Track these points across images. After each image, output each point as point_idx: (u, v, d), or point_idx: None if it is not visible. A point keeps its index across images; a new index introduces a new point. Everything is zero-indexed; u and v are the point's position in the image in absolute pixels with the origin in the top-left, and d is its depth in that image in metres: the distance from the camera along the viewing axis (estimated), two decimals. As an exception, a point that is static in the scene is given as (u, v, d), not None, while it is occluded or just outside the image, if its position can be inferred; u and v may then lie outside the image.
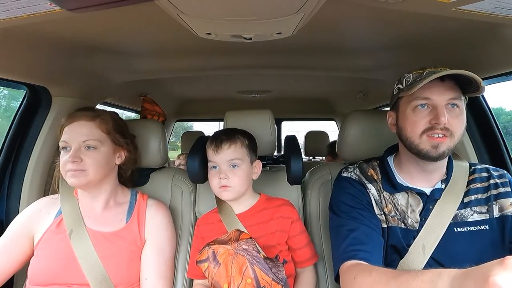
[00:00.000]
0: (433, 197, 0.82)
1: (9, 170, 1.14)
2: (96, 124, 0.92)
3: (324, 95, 2.53)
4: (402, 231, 0.81)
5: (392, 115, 0.88)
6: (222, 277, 0.79)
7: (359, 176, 0.90)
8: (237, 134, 0.94)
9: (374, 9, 0.72)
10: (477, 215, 0.80)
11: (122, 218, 0.96)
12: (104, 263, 0.87)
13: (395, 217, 0.83)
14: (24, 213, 0.96)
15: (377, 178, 0.88)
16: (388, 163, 0.89)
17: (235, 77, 1.79)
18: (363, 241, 0.76)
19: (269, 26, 0.72)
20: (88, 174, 0.88)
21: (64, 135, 0.90)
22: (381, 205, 0.84)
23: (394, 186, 0.85)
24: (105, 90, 1.48)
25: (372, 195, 0.86)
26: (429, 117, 0.75)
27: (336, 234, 0.83)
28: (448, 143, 0.75)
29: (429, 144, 0.75)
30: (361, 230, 0.78)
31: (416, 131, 0.77)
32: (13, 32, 0.79)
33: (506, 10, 0.64)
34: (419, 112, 0.77)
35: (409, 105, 0.79)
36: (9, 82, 1.04)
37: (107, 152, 0.93)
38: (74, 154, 0.87)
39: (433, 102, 0.76)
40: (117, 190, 1.00)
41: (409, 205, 0.83)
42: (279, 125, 3.06)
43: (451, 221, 0.79)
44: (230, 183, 0.90)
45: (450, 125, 0.74)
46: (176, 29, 0.78)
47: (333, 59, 1.27)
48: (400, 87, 0.82)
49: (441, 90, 0.75)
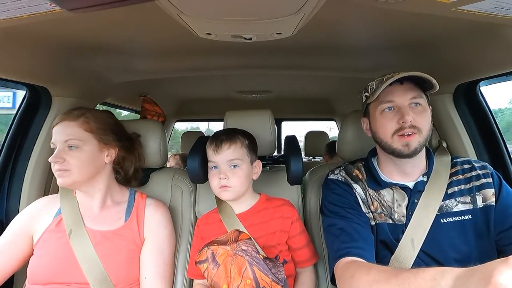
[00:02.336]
0: (416, 190, 0.85)
1: (9, 170, 1.14)
2: (78, 124, 0.92)
3: (324, 95, 2.52)
4: (389, 226, 0.84)
5: (366, 121, 0.94)
6: (221, 278, 0.79)
7: (344, 177, 0.94)
8: (237, 134, 0.94)
9: (374, 9, 0.72)
10: (462, 205, 0.83)
11: (121, 217, 0.96)
12: (103, 262, 0.88)
13: (382, 213, 0.86)
14: (24, 212, 0.96)
15: (362, 178, 0.92)
16: (372, 163, 0.93)
17: (235, 77, 1.79)
18: (354, 238, 0.79)
19: (269, 26, 0.73)
20: (73, 173, 0.88)
21: (52, 136, 0.92)
22: (367, 203, 0.88)
23: (378, 183, 0.88)
24: (105, 90, 1.48)
25: (358, 194, 0.89)
26: (396, 118, 0.81)
27: (328, 234, 0.86)
28: (418, 139, 0.80)
29: (400, 143, 0.81)
30: (351, 227, 0.81)
31: (386, 132, 0.83)
32: (13, 32, 0.79)
33: (506, 10, 0.64)
34: (386, 115, 0.83)
35: (377, 109, 0.85)
36: (9, 82, 1.04)
37: (91, 151, 0.92)
38: (57, 154, 0.88)
39: (397, 104, 0.82)
40: (113, 189, 1.00)
41: (395, 200, 0.86)
42: (279, 125, 3.06)
43: (437, 212, 0.82)
44: (230, 183, 0.90)
45: (416, 122, 0.80)
46: (176, 29, 0.78)
47: (333, 59, 1.28)
48: (367, 95, 0.89)
49: (402, 92, 0.82)
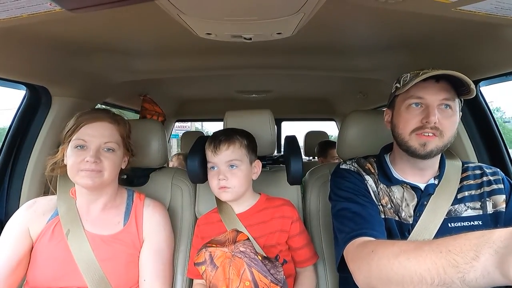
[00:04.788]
0: (427, 192, 0.83)
1: (9, 170, 1.14)
2: (116, 127, 0.92)
3: (324, 95, 2.53)
4: (397, 223, 0.83)
5: (389, 113, 0.90)
6: (220, 280, 0.79)
7: (357, 168, 0.91)
8: (236, 134, 0.94)
9: (374, 9, 0.72)
10: (471, 210, 0.81)
11: (119, 221, 0.95)
12: (102, 266, 0.87)
13: (391, 209, 0.84)
14: (19, 213, 0.92)
15: (374, 172, 0.90)
16: (385, 159, 0.91)
17: (235, 77, 1.79)
18: (369, 221, 0.76)
19: (269, 26, 0.73)
20: (104, 175, 0.87)
21: (81, 134, 0.87)
22: (378, 196, 0.86)
23: (389, 179, 0.86)
24: (105, 90, 1.48)
25: (370, 186, 0.87)
26: (421, 116, 0.77)
27: (340, 218, 0.81)
28: (437, 142, 0.77)
29: (417, 141, 0.77)
30: (366, 211, 0.78)
31: (406, 128, 0.79)
32: (13, 32, 0.79)
33: (506, 11, 0.64)
34: (412, 111, 0.79)
35: (403, 103, 0.81)
36: (9, 82, 1.04)
37: (121, 156, 0.93)
38: (95, 154, 0.85)
39: (426, 101, 0.78)
40: (116, 192, 0.99)
41: (404, 199, 0.84)
42: (279, 125, 3.06)
43: (446, 216, 0.80)
44: (229, 184, 0.90)
45: (441, 125, 0.76)
46: (176, 29, 0.78)
47: (333, 59, 1.28)
48: (398, 86, 0.84)
49: (434, 90, 0.77)
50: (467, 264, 0.45)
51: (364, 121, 1.09)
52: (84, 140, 0.87)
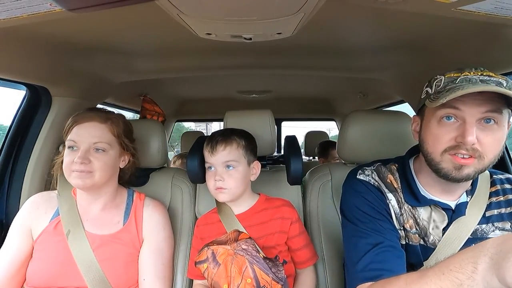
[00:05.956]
0: (459, 213, 0.71)
1: (9, 170, 1.14)
2: (107, 127, 0.90)
3: (324, 95, 2.53)
4: (422, 248, 0.72)
5: (417, 121, 0.76)
6: (221, 278, 0.79)
7: (378, 182, 0.77)
8: (233, 135, 0.93)
9: (374, 9, 0.72)
10: (499, 231, 0.71)
11: (119, 220, 0.95)
12: (102, 266, 0.87)
13: (416, 233, 0.73)
14: (22, 211, 0.93)
15: (397, 187, 0.76)
16: (409, 168, 0.78)
17: (235, 77, 1.79)
18: (388, 259, 0.66)
19: (269, 26, 0.73)
20: (94, 176, 0.87)
21: (73, 135, 0.88)
22: (401, 219, 0.74)
23: (417, 198, 0.73)
24: (105, 90, 1.48)
25: (392, 207, 0.74)
26: (455, 133, 0.63)
27: (354, 247, 0.71)
28: (476, 165, 0.63)
29: (451, 164, 0.64)
30: (385, 245, 0.68)
31: (437, 147, 0.65)
32: (13, 32, 0.79)
33: (506, 11, 0.64)
34: (444, 125, 0.65)
35: (434, 114, 0.66)
36: (9, 82, 1.04)
37: (114, 156, 0.92)
38: (83, 155, 0.85)
39: (462, 115, 0.62)
40: (116, 192, 0.99)
41: (431, 220, 0.73)
42: (279, 125, 3.06)
43: (470, 235, 0.70)
44: (225, 185, 0.89)
45: (481, 145, 0.62)
46: (176, 29, 0.78)
47: (333, 59, 1.28)
48: (429, 91, 0.69)
49: (475, 102, 0.61)
50: (469, 279, 0.45)
51: (364, 121, 1.09)
52: (74, 141, 0.87)
